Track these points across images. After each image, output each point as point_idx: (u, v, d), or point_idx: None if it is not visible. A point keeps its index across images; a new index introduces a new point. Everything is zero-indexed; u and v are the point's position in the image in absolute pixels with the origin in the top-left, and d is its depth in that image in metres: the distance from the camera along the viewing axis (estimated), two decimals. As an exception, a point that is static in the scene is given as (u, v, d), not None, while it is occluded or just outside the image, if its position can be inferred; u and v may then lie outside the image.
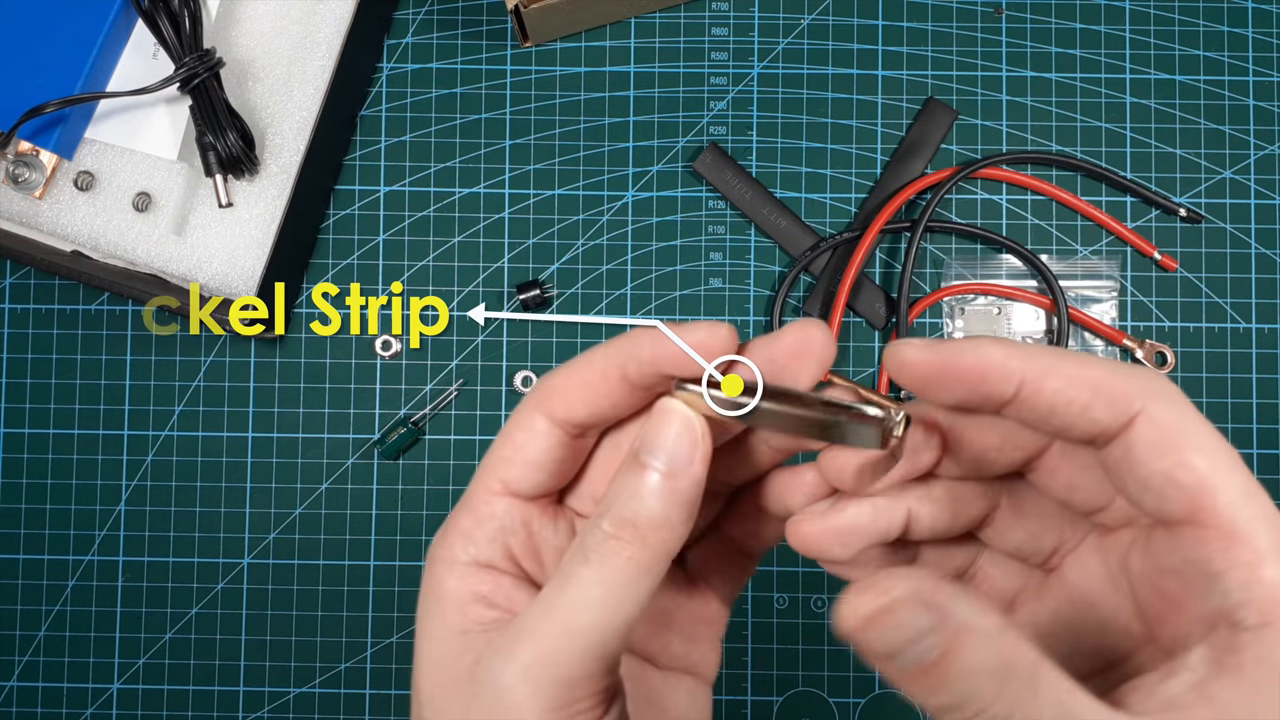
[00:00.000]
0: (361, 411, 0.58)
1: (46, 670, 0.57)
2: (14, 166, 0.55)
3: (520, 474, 0.30)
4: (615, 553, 0.27)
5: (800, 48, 0.59)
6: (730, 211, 0.59)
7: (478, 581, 0.29)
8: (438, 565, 0.30)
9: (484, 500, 0.30)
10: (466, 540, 0.29)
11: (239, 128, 0.55)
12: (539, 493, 0.30)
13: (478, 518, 0.30)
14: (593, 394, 0.29)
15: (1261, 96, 0.59)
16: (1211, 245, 0.58)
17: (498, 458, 0.30)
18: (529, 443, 0.30)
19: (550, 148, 0.59)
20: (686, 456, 0.27)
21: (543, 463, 0.30)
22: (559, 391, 0.30)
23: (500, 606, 0.29)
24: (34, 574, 0.58)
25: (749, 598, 0.57)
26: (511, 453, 0.30)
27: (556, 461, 0.30)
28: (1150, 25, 0.59)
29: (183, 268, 0.56)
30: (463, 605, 0.29)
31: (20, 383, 0.58)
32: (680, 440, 0.27)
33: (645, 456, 0.27)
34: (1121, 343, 0.57)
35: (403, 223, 0.59)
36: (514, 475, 0.30)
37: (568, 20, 0.58)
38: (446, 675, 0.28)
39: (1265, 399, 0.57)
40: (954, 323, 0.58)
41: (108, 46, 0.56)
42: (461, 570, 0.29)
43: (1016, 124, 0.59)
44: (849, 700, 0.56)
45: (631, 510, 0.27)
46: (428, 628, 0.29)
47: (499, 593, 0.29)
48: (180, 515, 0.58)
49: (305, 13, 0.58)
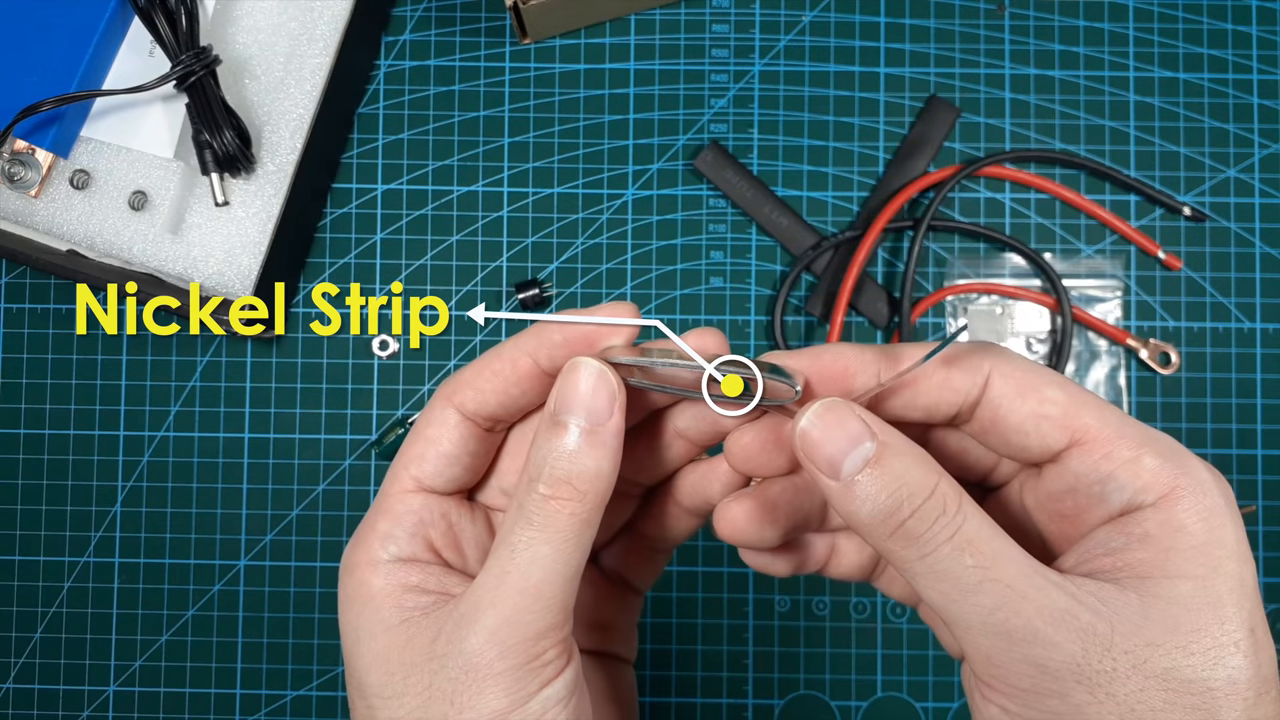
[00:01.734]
0: (359, 412, 0.58)
1: (42, 673, 0.57)
2: (9, 165, 0.55)
3: (434, 469, 0.31)
4: (556, 511, 0.28)
5: (802, 45, 0.59)
6: (731, 210, 0.58)
7: (405, 574, 0.30)
8: (360, 569, 0.30)
9: (399, 499, 0.31)
10: (386, 540, 0.30)
11: (235, 126, 0.55)
12: (453, 488, 0.32)
13: (395, 516, 0.31)
14: (503, 383, 0.31)
15: (1266, 95, 0.58)
16: (1216, 244, 0.58)
17: (411, 455, 0.31)
18: (441, 437, 0.31)
19: (549, 145, 0.58)
20: (605, 409, 0.29)
21: (456, 455, 0.31)
22: (469, 384, 0.31)
23: (433, 591, 0.30)
24: (30, 576, 0.57)
25: (750, 600, 0.56)
26: (424, 448, 0.31)
27: (469, 455, 0.31)
28: (1154, 23, 0.59)
29: (179, 267, 0.56)
30: (396, 598, 0.29)
31: (15, 383, 0.58)
32: (597, 393, 0.29)
33: (564, 416, 0.29)
34: (1125, 342, 0.57)
35: (400, 221, 0.58)
36: (428, 471, 0.31)
37: (566, 17, 0.57)
38: (397, 663, 0.29)
39: (1270, 399, 0.57)
40: (956, 322, 0.58)
41: (103, 44, 0.55)
42: (386, 568, 0.30)
43: (1020, 122, 0.58)
44: (851, 704, 0.56)
45: (563, 469, 0.28)
46: (362, 627, 0.29)
47: (430, 580, 0.30)
48: (176, 517, 0.57)
49: (302, 10, 0.57)
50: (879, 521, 0.28)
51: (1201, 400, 0.57)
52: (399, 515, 0.31)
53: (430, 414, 0.31)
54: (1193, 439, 0.57)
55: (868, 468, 0.27)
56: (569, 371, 0.29)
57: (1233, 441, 0.57)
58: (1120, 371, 0.57)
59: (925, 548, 0.27)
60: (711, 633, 0.56)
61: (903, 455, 0.28)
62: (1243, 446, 0.57)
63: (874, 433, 0.27)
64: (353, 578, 0.30)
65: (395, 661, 0.29)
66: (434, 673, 0.28)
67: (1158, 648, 0.26)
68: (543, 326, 0.30)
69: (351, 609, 0.30)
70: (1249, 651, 0.26)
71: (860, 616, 0.56)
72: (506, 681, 0.28)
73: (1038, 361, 0.34)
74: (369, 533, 0.31)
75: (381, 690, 0.29)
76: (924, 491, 0.27)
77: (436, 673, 0.28)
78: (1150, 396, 0.57)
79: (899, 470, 0.27)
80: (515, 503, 0.29)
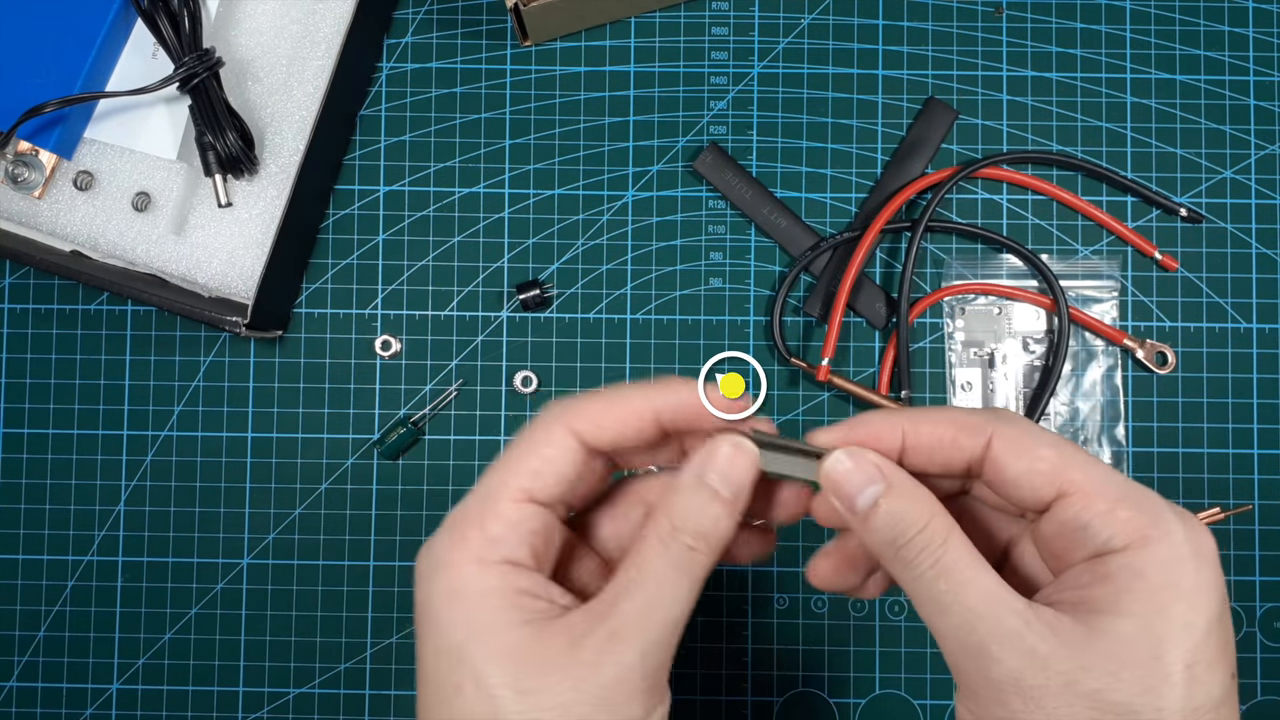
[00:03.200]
0: (361, 411, 0.58)
1: (46, 671, 0.57)
2: (13, 166, 0.55)
3: (545, 485, 0.34)
4: (695, 561, 0.33)
5: (801, 47, 0.59)
6: (730, 211, 0.59)
7: (516, 578, 0.33)
8: (463, 566, 0.33)
9: (513, 507, 0.34)
10: (497, 543, 0.33)
11: (238, 127, 0.55)
12: (558, 505, 0.35)
13: (508, 522, 0.34)
14: (624, 426, 0.35)
15: (1262, 96, 0.59)
16: (1212, 245, 0.58)
17: (524, 468, 0.34)
18: (558, 458, 0.34)
19: (550, 147, 0.59)
20: (746, 486, 0.34)
21: (569, 478, 0.34)
22: (592, 417, 0.34)
23: (542, 598, 0.33)
24: (33, 574, 0.58)
25: (749, 598, 0.57)
26: (541, 465, 0.34)
27: (578, 480, 0.35)
28: (1151, 25, 0.59)
29: (182, 268, 0.56)
30: (513, 599, 0.32)
31: (19, 383, 0.58)
32: (744, 472, 0.34)
33: (713, 481, 0.34)
34: (1122, 343, 0.57)
35: (402, 222, 0.59)
36: (540, 486, 0.34)
37: (567, 19, 0.57)
38: (529, 661, 0.32)
39: (1266, 399, 0.57)
40: (954, 322, 0.58)
41: (107, 46, 0.55)
42: (499, 570, 0.33)
43: (1017, 124, 0.59)
44: (849, 701, 0.56)
45: (708, 528, 0.33)
46: (478, 621, 0.32)
47: (537, 587, 0.33)
48: (179, 516, 0.58)
49: (305, 12, 0.57)
50: (884, 547, 0.33)
51: (1198, 400, 0.57)
52: (512, 522, 0.34)
53: (546, 433, 0.34)
54: (1189, 438, 0.57)
55: (878, 503, 0.33)
56: (733, 447, 0.34)
57: (1229, 441, 0.57)
58: (1117, 371, 0.58)
59: (914, 571, 0.33)
60: (710, 630, 0.57)
61: (905, 495, 0.33)
62: (1238, 446, 0.57)
63: (884, 475, 0.33)
64: (456, 573, 0.33)
65: (527, 659, 0.32)
66: (582, 677, 0.32)
67: (1089, 671, 0.31)
68: (674, 387, 0.35)
69: (456, 603, 0.33)
70: (1182, 684, 0.30)
71: (858, 614, 0.57)
72: (644, 699, 0.33)
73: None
74: (474, 533, 0.33)
75: (514, 683, 0.32)
76: (918, 525, 0.33)
77: (585, 678, 0.32)
78: (1147, 396, 0.58)
79: (900, 507, 0.33)
80: (657, 542, 0.33)
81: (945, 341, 0.58)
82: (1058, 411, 0.57)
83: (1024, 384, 0.58)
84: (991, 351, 0.58)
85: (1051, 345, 0.57)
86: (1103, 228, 0.58)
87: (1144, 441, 0.57)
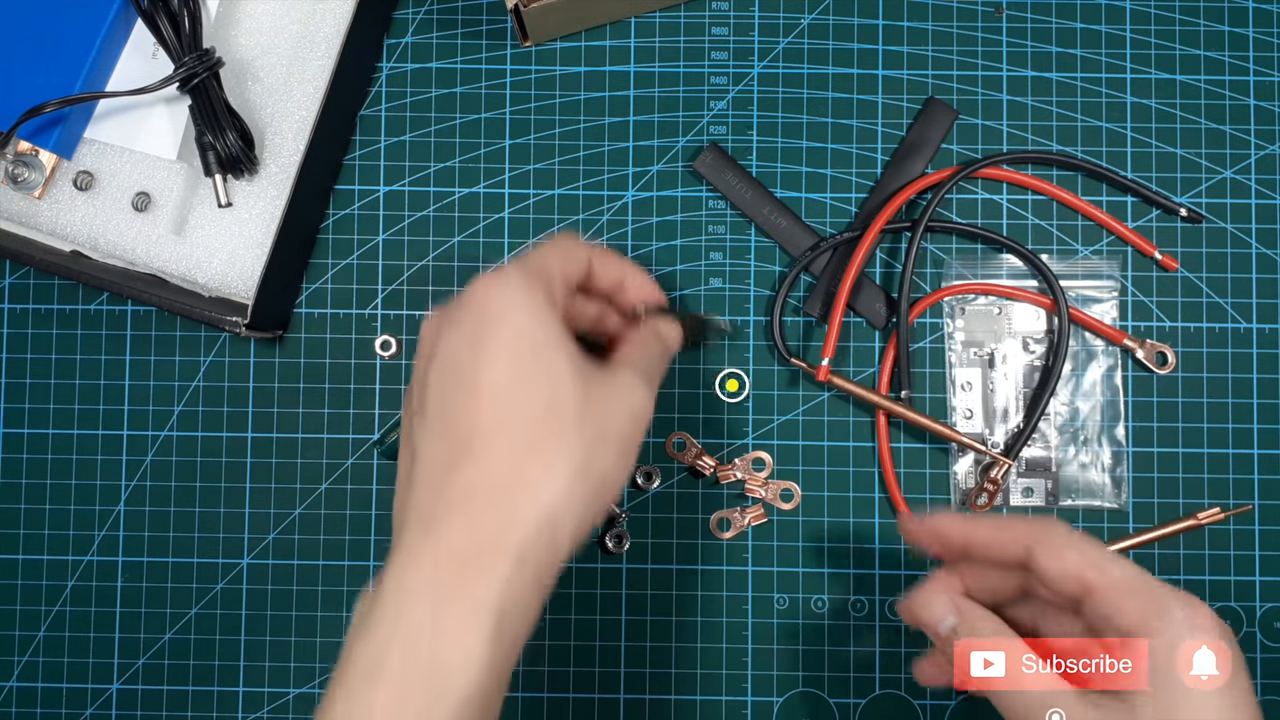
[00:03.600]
0: (361, 411, 0.58)
1: (46, 671, 0.57)
2: (13, 166, 0.55)
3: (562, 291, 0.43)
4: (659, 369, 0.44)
5: (800, 47, 0.59)
6: (730, 211, 0.59)
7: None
8: (548, 308, 0.41)
9: (560, 281, 0.43)
10: (557, 304, 0.42)
11: (238, 127, 0.55)
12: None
13: (553, 282, 0.42)
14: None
15: (1262, 96, 0.59)
16: (1212, 245, 0.58)
17: (556, 270, 0.43)
18: (571, 275, 0.44)
19: (550, 147, 0.59)
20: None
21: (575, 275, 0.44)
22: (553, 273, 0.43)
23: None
24: (33, 574, 0.58)
25: (749, 598, 0.57)
26: (560, 277, 0.43)
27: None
28: (1151, 25, 0.59)
29: (182, 268, 0.56)
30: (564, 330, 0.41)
31: (19, 383, 0.58)
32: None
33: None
34: (1122, 343, 0.57)
35: (403, 223, 0.59)
36: (561, 292, 0.43)
37: (567, 19, 0.58)
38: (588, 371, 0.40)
39: (1266, 399, 0.57)
40: (954, 322, 0.58)
41: (107, 46, 0.56)
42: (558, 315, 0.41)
43: (1017, 124, 0.59)
44: (849, 701, 0.56)
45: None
46: (551, 328, 0.40)
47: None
48: (179, 515, 0.58)
49: (305, 12, 0.58)
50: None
51: (1198, 400, 0.57)
52: (557, 282, 0.42)
53: (553, 251, 0.44)
54: (1189, 438, 0.57)
55: (954, 627, 0.44)
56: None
57: (1229, 441, 0.57)
58: (1117, 371, 0.58)
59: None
60: (710, 630, 0.57)
61: (971, 619, 0.44)
62: (1239, 446, 0.57)
63: (956, 609, 0.45)
64: (534, 295, 0.40)
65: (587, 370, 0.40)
66: (605, 395, 0.40)
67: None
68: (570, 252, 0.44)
69: (542, 310, 0.40)
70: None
71: (858, 614, 0.57)
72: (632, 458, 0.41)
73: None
74: (542, 284, 0.41)
75: (564, 374, 0.40)
76: (986, 638, 0.43)
77: (607, 395, 0.40)
78: (1147, 396, 0.58)
79: (966, 629, 0.44)
80: (652, 359, 0.44)
81: (945, 341, 0.58)
82: (1058, 411, 0.57)
83: (1024, 384, 0.58)
84: (991, 351, 0.58)
85: (1051, 345, 0.57)
86: (1103, 228, 0.58)
87: (1144, 441, 0.57)
